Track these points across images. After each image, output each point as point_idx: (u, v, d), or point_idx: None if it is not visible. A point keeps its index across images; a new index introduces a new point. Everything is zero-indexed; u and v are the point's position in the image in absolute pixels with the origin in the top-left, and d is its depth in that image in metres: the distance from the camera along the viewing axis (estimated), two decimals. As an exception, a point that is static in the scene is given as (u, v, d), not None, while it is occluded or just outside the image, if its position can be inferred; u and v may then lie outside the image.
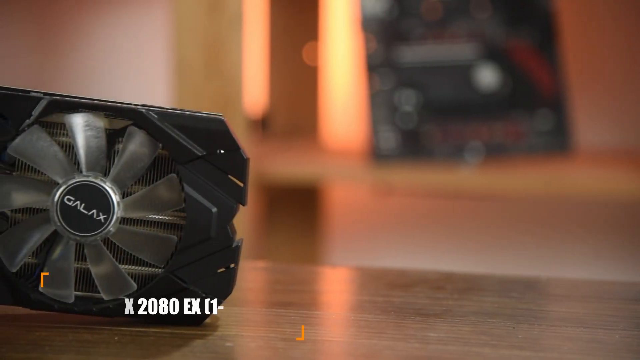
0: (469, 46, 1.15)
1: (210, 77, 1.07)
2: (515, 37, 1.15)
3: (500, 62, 1.15)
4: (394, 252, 1.37)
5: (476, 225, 1.35)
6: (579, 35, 1.28)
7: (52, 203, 0.45)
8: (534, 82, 1.15)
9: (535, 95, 1.15)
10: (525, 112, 1.15)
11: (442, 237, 1.36)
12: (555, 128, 1.15)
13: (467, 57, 1.15)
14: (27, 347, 0.43)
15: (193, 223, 0.46)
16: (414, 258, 1.36)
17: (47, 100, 0.45)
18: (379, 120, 1.13)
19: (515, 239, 1.34)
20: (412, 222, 1.37)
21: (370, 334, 0.47)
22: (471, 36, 1.15)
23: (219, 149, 0.46)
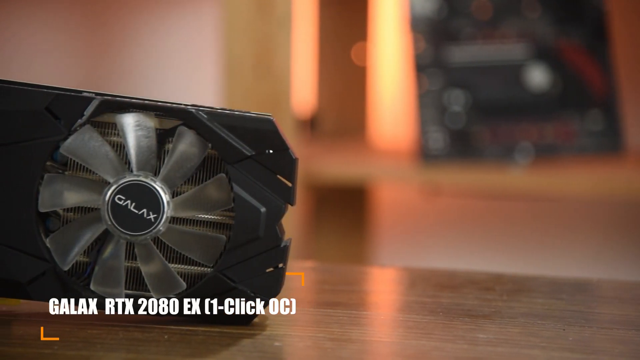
0: (519, 46, 1.14)
1: (260, 77, 1.07)
2: (565, 37, 1.14)
3: (550, 62, 1.14)
4: (443, 253, 1.36)
5: (525, 226, 1.34)
6: (630, 35, 1.27)
7: (103, 202, 0.46)
8: (584, 82, 1.14)
9: (585, 95, 1.14)
10: (576, 112, 1.14)
11: (491, 238, 1.35)
12: (606, 128, 1.14)
13: (517, 57, 1.14)
14: (79, 344, 0.43)
15: (242, 223, 0.47)
16: (462, 259, 1.35)
17: (98, 101, 0.46)
18: (427, 121, 1.12)
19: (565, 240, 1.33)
20: (460, 223, 1.36)
21: (418, 335, 0.47)
22: (521, 36, 1.14)
23: (268, 149, 0.47)
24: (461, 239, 1.36)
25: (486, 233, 1.35)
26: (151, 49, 1.42)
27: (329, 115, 1.35)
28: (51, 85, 0.46)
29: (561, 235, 1.33)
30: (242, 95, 1.07)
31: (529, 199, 1.30)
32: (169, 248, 0.47)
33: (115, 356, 0.42)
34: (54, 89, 0.46)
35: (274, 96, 1.07)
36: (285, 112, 1.07)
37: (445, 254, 1.36)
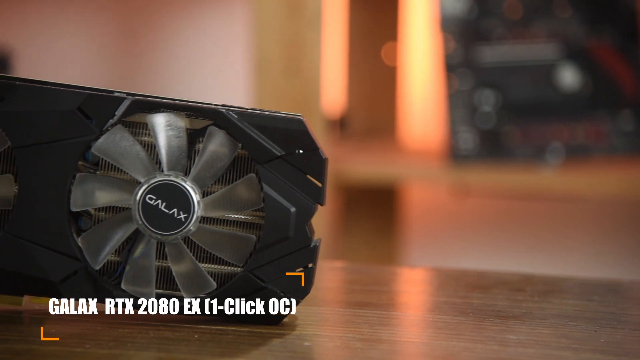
0: (550, 46, 1.13)
1: (290, 77, 1.07)
2: (596, 37, 1.13)
3: (581, 62, 1.13)
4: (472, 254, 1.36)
5: (556, 226, 1.33)
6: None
7: (134, 202, 0.46)
8: (615, 83, 1.13)
9: (617, 95, 1.13)
10: (607, 112, 1.13)
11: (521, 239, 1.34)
12: (637, 129, 1.13)
13: (548, 57, 1.13)
14: (110, 343, 0.44)
15: (272, 223, 0.47)
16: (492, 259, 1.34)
17: (130, 100, 0.46)
18: (457, 121, 1.12)
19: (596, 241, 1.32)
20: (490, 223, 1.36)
21: (448, 336, 0.47)
22: (552, 36, 1.13)
23: (297, 149, 0.47)
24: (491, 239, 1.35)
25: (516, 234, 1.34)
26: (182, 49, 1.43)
27: (358, 115, 1.35)
28: (83, 85, 0.46)
29: (592, 236, 1.32)
30: (272, 95, 1.07)
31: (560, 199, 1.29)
32: (199, 248, 0.47)
33: (146, 355, 0.43)
34: (85, 89, 0.46)
35: (303, 96, 1.07)
36: (315, 112, 1.07)
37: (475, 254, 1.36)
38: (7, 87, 0.45)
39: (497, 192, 1.26)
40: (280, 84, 1.07)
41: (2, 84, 0.45)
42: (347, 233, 1.29)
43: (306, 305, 0.49)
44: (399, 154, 1.26)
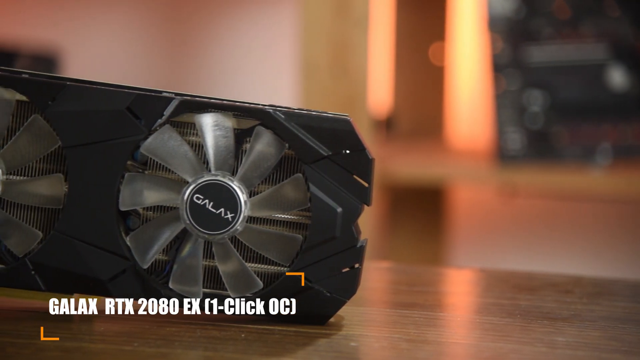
0: (599, 46, 1.12)
1: (336, 77, 1.07)
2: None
3: (631, 63, 1.12)
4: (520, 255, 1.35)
5: (605, 228, 1.32)
6: None
7: (182, 201, 0.46)
8: (667, 82, 1.12)
9: (668, 95, 1.12)
10: (658, 113, 1.12)
11: (569, 240, 1.33)
12: (690, 129, 1.12)
13: (597, 57, 1.12)
14: (158, 342, 0.44)
15: (318, 223, 0.47)
16: (540, 261, 1.33)
17: (178, 101, 0.46)
18: (505, 121, 1.11)
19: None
20: (538, 224, 1.35)
21: (495, 337, 0.47)
22: (601, 36, 1.12)
23: (344, 149, 0.47)
24: (539, 240, 1.34)
25: (565, 235, 1.33)
26: (229, 49, 1.44)
27: (405, 115, 1.34)
28: (132, 85, 0.47)
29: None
30: (319, 95, 1.07)
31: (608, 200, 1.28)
32: (246, 247, 0.48)
33: (193, 354, 0.43)
34: (134, 89, 0.46)
35: (350, 96, 1.07)
36: (361, 112, 1.07)
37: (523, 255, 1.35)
38: (58, 87, 0.46)
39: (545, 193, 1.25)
40: (327, 84, 1.07)
41: (53, 84, 0.46)
42: (393, 233, 1.29)
43: (352, 305, 0.49)
44: (445, 154, 1.25)
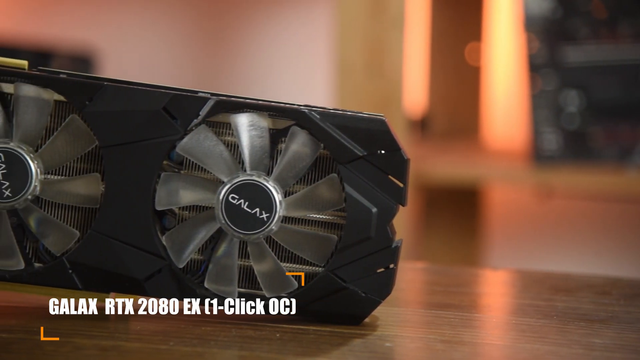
0: (636, 46, 1.11)
1: (372, 77, 1.07)
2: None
3: (669, 62, 1.11)
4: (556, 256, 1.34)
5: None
6: None
7: (217, 201, 0.46)
8: None
9: None
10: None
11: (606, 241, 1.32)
12: None
13: (635, 57, 1.11)
14: (194, 341, 0.44)
15: (353, 223, 0.47)
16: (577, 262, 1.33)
17: (214, 101, 0.47)
18: (541, 121, 1.11)
19: (684, 245, 1.29)
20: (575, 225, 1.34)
21: (532, 338, 0.46)
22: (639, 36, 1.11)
23: (379, 150, 0.47)
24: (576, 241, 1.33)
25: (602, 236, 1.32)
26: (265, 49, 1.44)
27: (440, 115, 1.34)
28: (168, 85, 0.47)
29: (680, 240, 1.29)
30: (354, 95, 1.07)
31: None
32: (280, 247, 0.48)
33: (228, 353, 0.43)
34: (171, 89, 0.47)
35: (385, 96, 1.07)
36: (396, 112, 1.07)
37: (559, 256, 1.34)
38: (95, 87, 0.46)
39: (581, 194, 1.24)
40: (363, 84, 1.07)
41: (90, 85, 0.46)
42: (428, 234, 1.29)
43: (387, 306, 0.49)
44: (481, 154, 1.25)
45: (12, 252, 0.47)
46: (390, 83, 1.07)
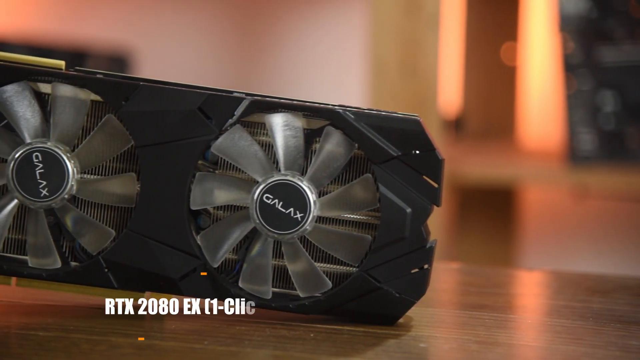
0: (674, 45, 1.10)
1: (406, 77, 1.07)
2: None
3: None
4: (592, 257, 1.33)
5: (680, 230, 1.30)
6: None
7: (251, 201, 0.46)
8: None
9: None
10: None
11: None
12: None
13: (672, 56, 1.10)
14: (228, 340, 0.44)
15: (387, 223, 0.47)
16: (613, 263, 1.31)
17: (249, 101, 0.47)
18: (576, 122, 1.10)
19: None
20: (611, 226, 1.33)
21: (567, 340, 0.46)
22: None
23: (414, 150, 0.46)
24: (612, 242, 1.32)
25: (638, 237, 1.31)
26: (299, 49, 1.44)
27: (475, 115, 1.33)
28: (203, 85, 0.47)
29: None
30: (388, 95, 1.07)
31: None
32: (314, 247, 0.48)
33: (262, 353, 0.43)
34: (206, 89, 0.47)
35: (420, 96, 1.07)
36: (431, 112, 1.07)
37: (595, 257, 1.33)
38: (131, 87, 0.47)
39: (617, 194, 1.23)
40: (397, 84, 1.07)
41: (126, 85, 0.47)
42: (462, 234, 1.28)
43: (421, 306, 0.48)
44: (516, 154, 1.24)
45: (49, 251, 0.47)
46: (425, 83, 1.07)
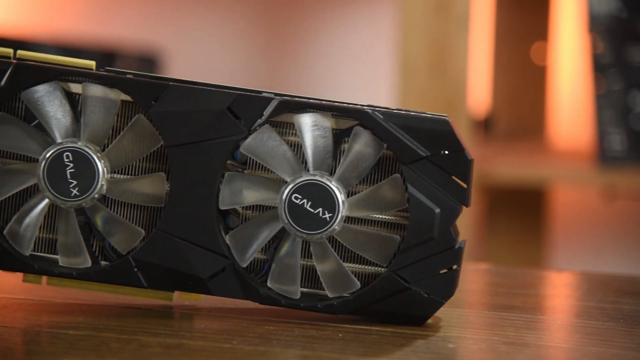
0: None
1: (435, 77, 1.06)
2: None
3: None
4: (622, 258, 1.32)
5: None
6: None
7: (280, 201, 0.47)
8: None
9: None
10: None
11: (673, 244, 1.30)
12: None
13: None
14: (256, 340, 0.44)
15: (416, 223, 0.46)
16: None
17: (277, 101, 0.47)
18: (606, 122, 1.09)
19: None
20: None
21: (597, 342, 0.46)
22: None
23: (443, 150, 0.46)
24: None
25: (668, 238, 1.30)
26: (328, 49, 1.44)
27: (504, 115, 1.33)
28: (232, 85, 0.47)
29: None
30: (417, 95, 1.07)
31: None
32: (343, 247, 0.48)
33: (291, 353, 0.43)
34: (235, 89, 0.47)
35: (449, 96, 1.06)
36: (460, 112, 1.06)
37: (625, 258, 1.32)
38: (161, 87, 0.47)
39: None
40: (426, 84, 1.07)
41: (156, 85, 0.47)
42: (491, 235, 1.28)
43: (450, 307, 0.48)
44: (545, 155, 1.23)
45: (79, 250, 0.48)
46: (454, 83, 1.06)
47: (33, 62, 0.47)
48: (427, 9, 1.06)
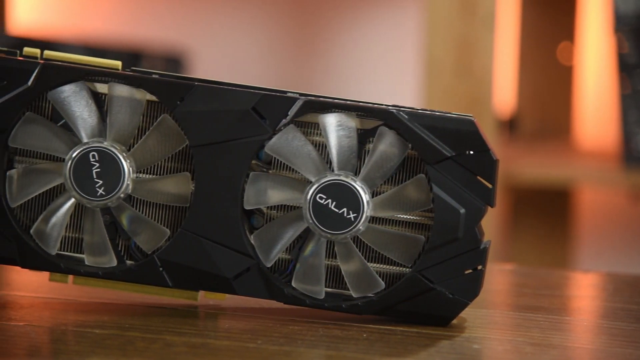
0: None
1: (460, 77, 1.06)
2: None
3: None
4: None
5: None
6: None
7: (305, 201, 0.47)
8: None
9: None
10: None
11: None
12: None
13: None
14: (281, 340, 0.44)
15: (441, 223, 0.46)
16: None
17: (302, 101, 0.47)
18: (632, 122, 1.09)
19: None
20: (668, 228, 1.31)
21: (624, 343, 0.46)
22: None
23: (468, 150, 0.46)
24: (668, 245, 1.30)
25: (696, 239, 1.29)
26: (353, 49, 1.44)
27: (529, 115, 1.32)
28: (257, 85, 0.47)
29: None
30: (442, 95, 1.07)
31: None
32: (367, 247, 0.48)
33: (315, 353, 0.43)
34: (260, 89, 0.47)
35: (474, 96, 1.06)
36: (485, 112, 1.06)
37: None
38: (186, 87, 0.47)
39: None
40: (451, 84, 1.07)
41: (181, 85, 0.47)
42: (517, 235, 1.27)
43: (475, 307, 0.48)
44: (571, 155, 1.23)
45: (105, 249, 0.48)
46: (479, 83, 1.06)
47: (59, 62, 0.47)
48: (452, 9, 1.06)
